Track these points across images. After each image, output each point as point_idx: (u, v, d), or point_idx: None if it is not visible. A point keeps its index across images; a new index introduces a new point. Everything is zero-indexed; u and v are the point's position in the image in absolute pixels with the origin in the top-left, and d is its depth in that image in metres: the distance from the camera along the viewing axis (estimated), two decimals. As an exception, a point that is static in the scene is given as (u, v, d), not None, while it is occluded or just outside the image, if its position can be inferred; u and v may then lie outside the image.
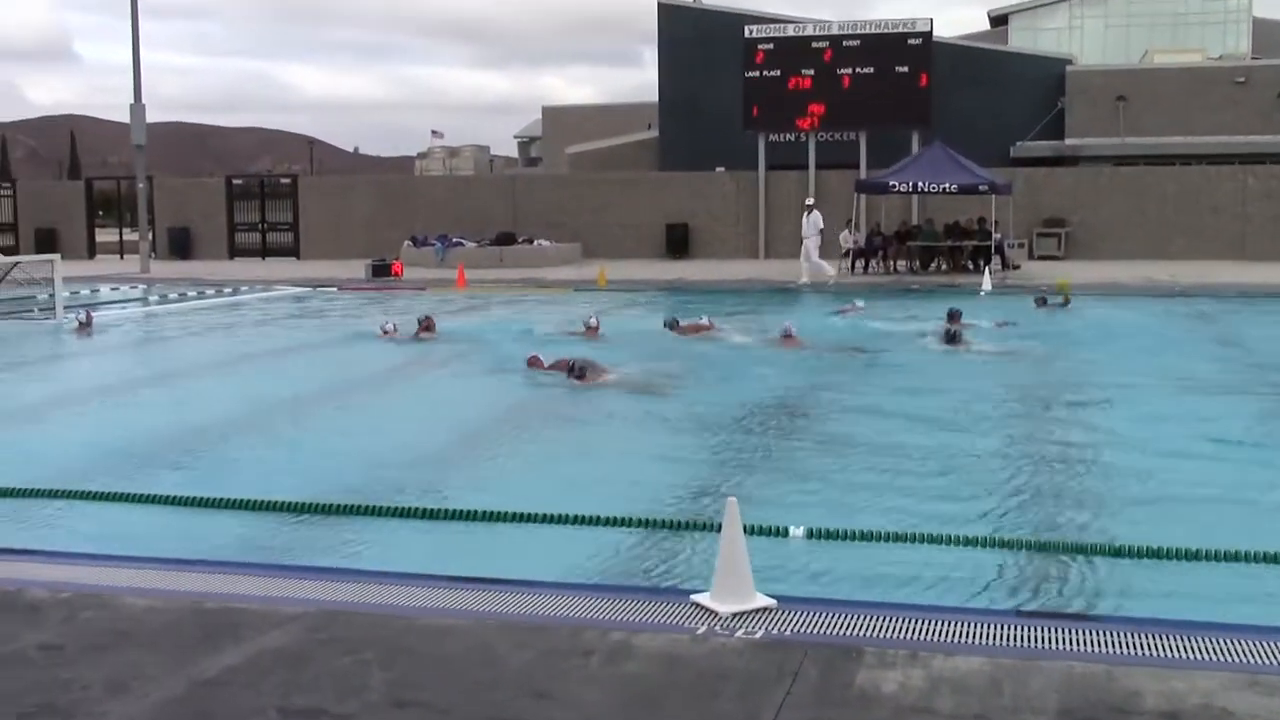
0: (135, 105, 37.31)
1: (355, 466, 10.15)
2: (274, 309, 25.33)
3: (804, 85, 36.57)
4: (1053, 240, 36.47)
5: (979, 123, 40.20)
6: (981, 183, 30.77)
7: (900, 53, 35.85)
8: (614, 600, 6.14)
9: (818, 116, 36.65)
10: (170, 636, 5.64)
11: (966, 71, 41.45)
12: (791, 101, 36.62)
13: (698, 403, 13.00)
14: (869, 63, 35.98)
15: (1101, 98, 41.78)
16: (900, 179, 31.40)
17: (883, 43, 36.01)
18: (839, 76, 36.27)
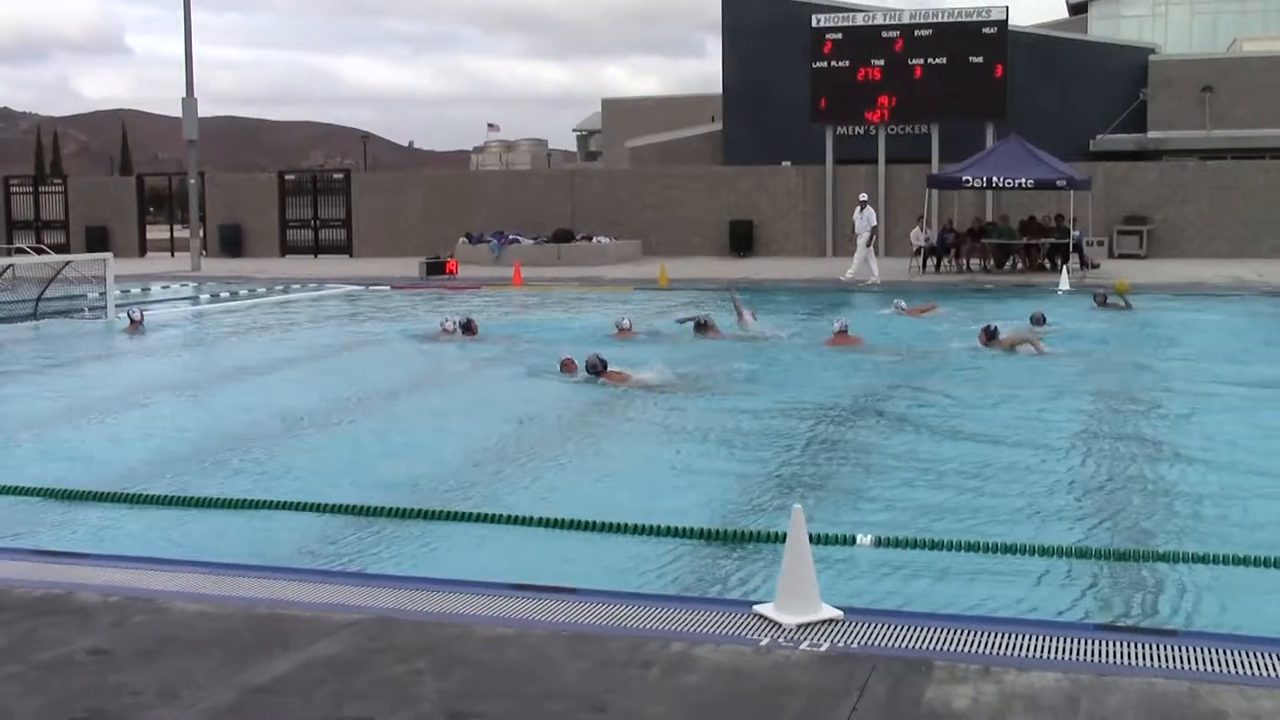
0: (187, 99, 37.79)
1: (407, 469, 10.22)
2: (325, 308, 25.56)
3: (874, 76, 36.39)
4: (1134, 238, 36.06)
5: (1057, 115, 39.86)
6: (1059, 177, 30.48)
7: (974, 42, 35.59)
8: (675, 610, 6.14)
9: (888, 109, 36.46)
10: (221, 643, 5.72)
11: (1044, 62, 41.10)
12: (861, 93, 36.45)
13: (754, 406, 12.97)
14: (942, 53, 35.75)
15: (1186, 88, 41.25)
16: (974, 174, 31.17)
17: (956, 32, 35.76)
18: (910, 67, 36.07)
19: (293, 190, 45.44)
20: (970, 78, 35.48)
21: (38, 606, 6.25)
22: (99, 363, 17.91)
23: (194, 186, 39.34)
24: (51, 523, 8.67)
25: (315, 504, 8.72)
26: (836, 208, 38.40)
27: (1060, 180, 30.45)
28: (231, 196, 45.34)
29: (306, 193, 45.34)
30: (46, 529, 8.49)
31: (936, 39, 35.82)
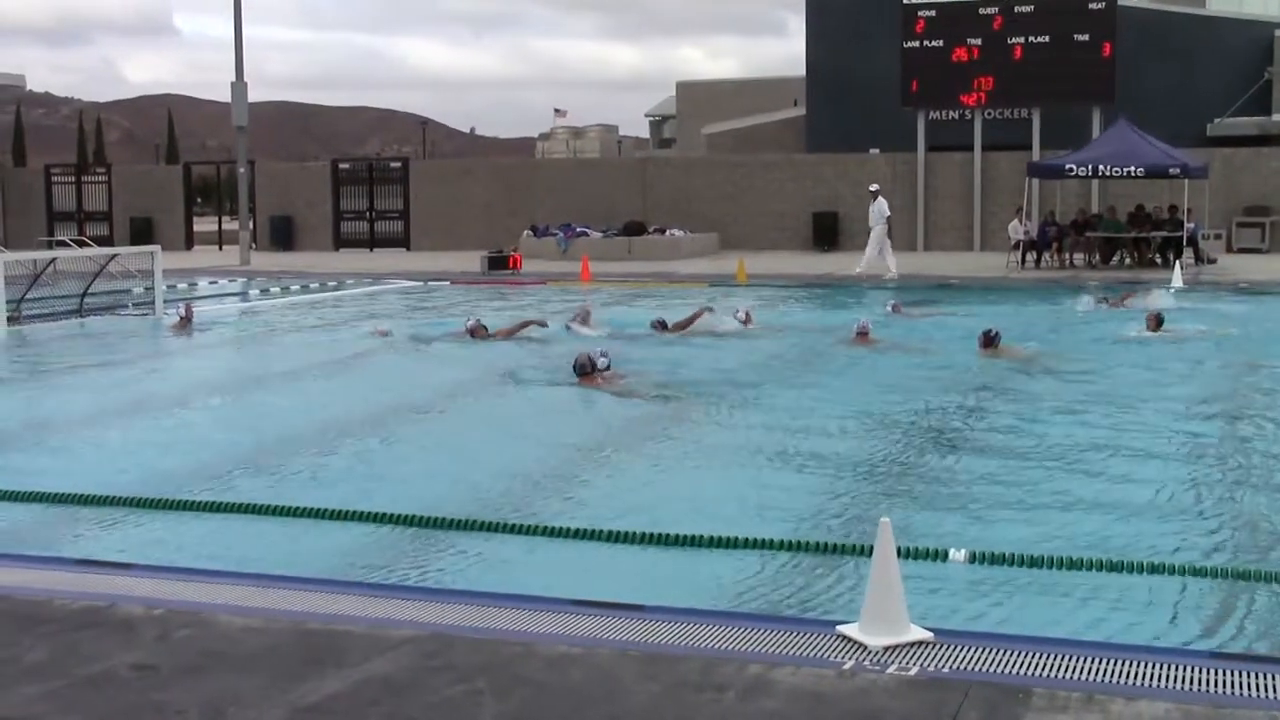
0: (236, 84, 38.27)
1: (467, 478, 10.29)
2: (381, 305, 25.76)
3: (970, 57, 36.13)
4: (1255, 231, 35.52)
5: (1170, 97, 39.37)
6: (1172, 165, 30.10)
7: (1080, 19, 35.23)
8: (751, 630, 6.13)
9: (985, 92, 36.18)
10: (269, 659, 5.78)
11: (1156, 39, 40.61)
12: (956, 75, 36.20)
13: (810, 412, 12.96)
14: (1044, 31, 35.42)
15: (1316, 67, 40.60)
16: (1078, 161, 30.88)
17: (1060, 8, 35.40)
18: (1010, 47, 35.76)
19: (347, 180, 45.86)
20: (1075, 58, 35.11)
21: (79, 619, 6.36)
22: (146, 362, 18.17)
23: (243, 176, 39.84)
24: (94, 530, 8.81)
25: (370, 513, 8.79)
26: (929, 199, 38.19)
27: (1174, 168, 30.07)
28: (282, 186, 45.84)
29: (362, 182, 45.76)
30: (89, 537, 8.63)
31: (1039, 16, 35.48)
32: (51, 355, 18.94)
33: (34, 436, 12.63)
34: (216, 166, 56.23)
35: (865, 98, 41.85)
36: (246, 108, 38.55)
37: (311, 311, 24.59)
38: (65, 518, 9.14)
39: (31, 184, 49.55)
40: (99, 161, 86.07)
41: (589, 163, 53.75)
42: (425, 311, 24.08)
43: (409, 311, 24.17)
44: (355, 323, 22.27)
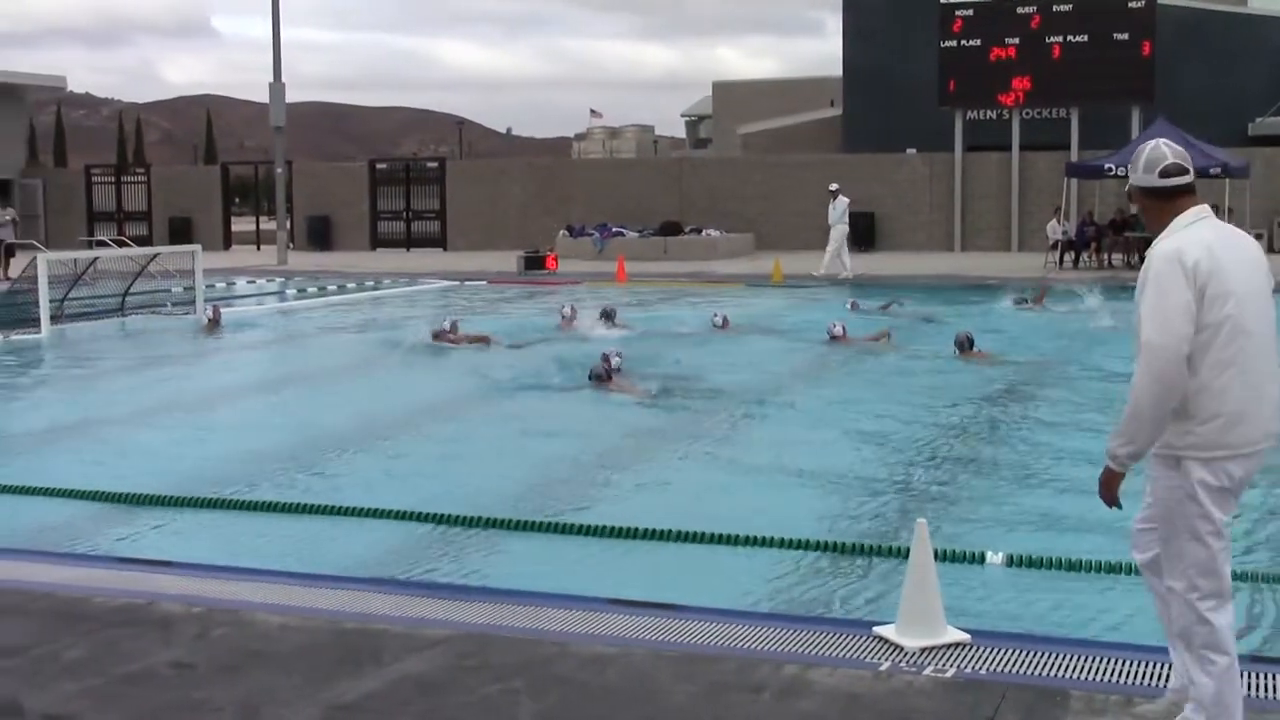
0: (274, 84, 38.47)
1: (502, 478, 10.32)
2: (417, 305, 25.83)
3: (1008, 56, 35.96)
4: (1297, 230, 35.23)
5: (1210, 97, 39.09)
6: (1213, 165, 29.87)
7: (1119, 18, 35.01)
8: (787, 630, 6.13)
9: (1023, 91, 36.00)
10: (306, 658, 5.81)
11: (1197, 38, 40.32)
12: (993, 74, 36.04)
13: (857, 414, 12.92)
14: (1083, 30, 35.22)
15: (1359, 66, 40.25)
16: (1117, 161, 30.69)
17: (1099, 7, 35.19)
18: (1048, 46, 35.58)
19: (384, 180, 46.01)
20: (1114, 57, 34.90)
21: (118, 616, 6.40)
22: (184, 362, 18.27)
23: (281, 176, 40.01)
24: (133, 528, 8.87)
25: (405, 512, 8.82)
26: (966, 199, 38.03)
27: (1214, 168, 29.84)
28: (320, 186, 46.02)
29: (398, 183, 45.90)
30: (128, 535, 8.69)
31: (1077, 15, 35.28)
32: (92, 354, 19.09)
33: (74, 435, 12.73)
34: (254, 167, 56.48)
35: (902, 97, 41.70)
36: (284, 108, 38.72)
37: (348, 312, 24.68)
38: (106, 515, 9.21)
39: (72, 184, 49.89)
40: (138, 162, 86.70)
41: (625, 163, 53.75)
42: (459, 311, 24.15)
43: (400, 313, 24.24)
44: (394, 323, 22.34)
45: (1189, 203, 4.73)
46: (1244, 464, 4.62)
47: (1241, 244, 4.76)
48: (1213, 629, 4.64)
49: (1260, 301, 4.67)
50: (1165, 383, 4.50)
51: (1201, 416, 4.56)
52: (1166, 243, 4.65)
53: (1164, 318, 4.51)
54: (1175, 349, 4.49)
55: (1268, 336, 4.65)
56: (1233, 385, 4.56)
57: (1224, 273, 4.55)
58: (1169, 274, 4.54)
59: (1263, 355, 4.63)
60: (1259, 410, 4.61)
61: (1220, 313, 4.53)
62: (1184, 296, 4.51)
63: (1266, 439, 4.65)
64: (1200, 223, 4.68)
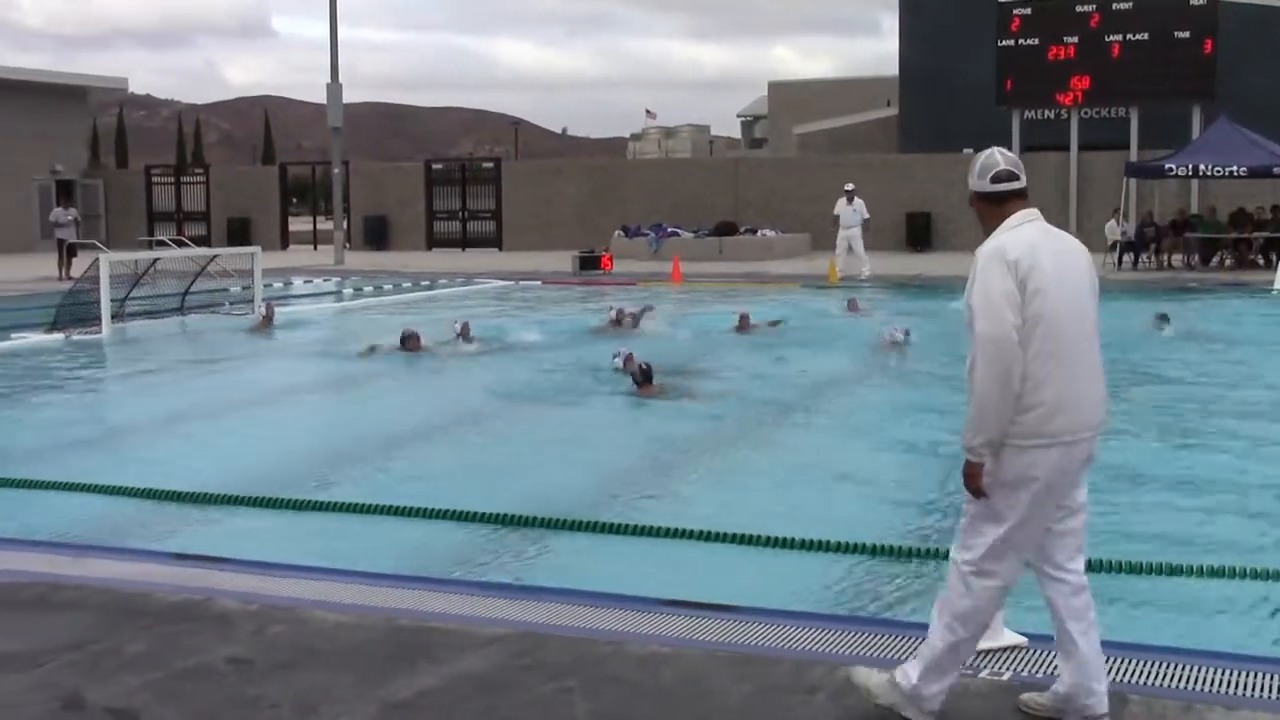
0: (332, 85, 38.74)
1: (558, 478, 10.33)
2: (472, 305, 25.92)
3: (1066, 55, 35.70)
4: (1363, 232, 34.74)
5: (1274, 95, 38.60)
6: (1277, 164, 29.55)
7: (1180, 16, 34.66)
8: (842, 632, 6.11)
9: (1082, 91, 35.72)
10: (362, 655, 5.84)
11: (1260, 35, 39.88)
12: (1052, 73, 35.78)
13: (912, 416, 12.84)
14: (1143, 28, 34.90)
15: None
16: (1178, 162, 30.41)
17: (1160, 5, 34.85)
18: (1107, 45, 35.29)
19: (440, 180, 46.24)
20: (1175, 55, 34.56)
21: (178, 612, 6.46)
22: (242, 360, 18.42)
23: (338, 176, 40.30)
24: (192, 526, 8.95)
25: (461, 512, 8.85)
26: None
27: (1278, 167, 29.51)
28: (376, 186, 46.31)
29: (454, 183, 46.11)
30: (187, 532, 8.77)
31: (1137, 13, 34.96)
32: (152, 353, 19.27)
33: (135, 432, 12.87)
34: (312, 167, 56.92)
35: (959, 97, 41.49)
36: (341, 109, 39.00)
37: (403, 312, 24.79)
38: (165, 512, 9.30)
39: (132, 185, 50.45)
40: (197, 162, 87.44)
41: (680, 163, 53.74)
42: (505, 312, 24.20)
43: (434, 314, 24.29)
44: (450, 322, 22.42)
45: (1019, 206, 5.01)
46: (1061, 453, 4.81)
47: (1065, 245, 5.01)
48: (973, 605, 4.90)
49: (1080, 299, 4.90)
50: (1003, 368, 4.72)
51: (1021, 406, 4.77)
52: (991, 241, 4.93)
53: (992, 308, 4.74)
54: (1006, 335, 4.71)
55: (1087, 333, 4.90)
56: (1052, 376, 4.77)
57: (1043, 270, 4.79)
58: (992, 268, 4.80)
59: (1082, 350, 4.86)
60: (1078, 401, 4.82)
61: (1039, 307, 4.76)
62: (1008, 286, 4.75)
63: (1086, 429, 4.86)
64: (1026, 225, 4.96)
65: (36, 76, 49.40)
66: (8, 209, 45.92)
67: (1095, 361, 4.94)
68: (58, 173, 47.32)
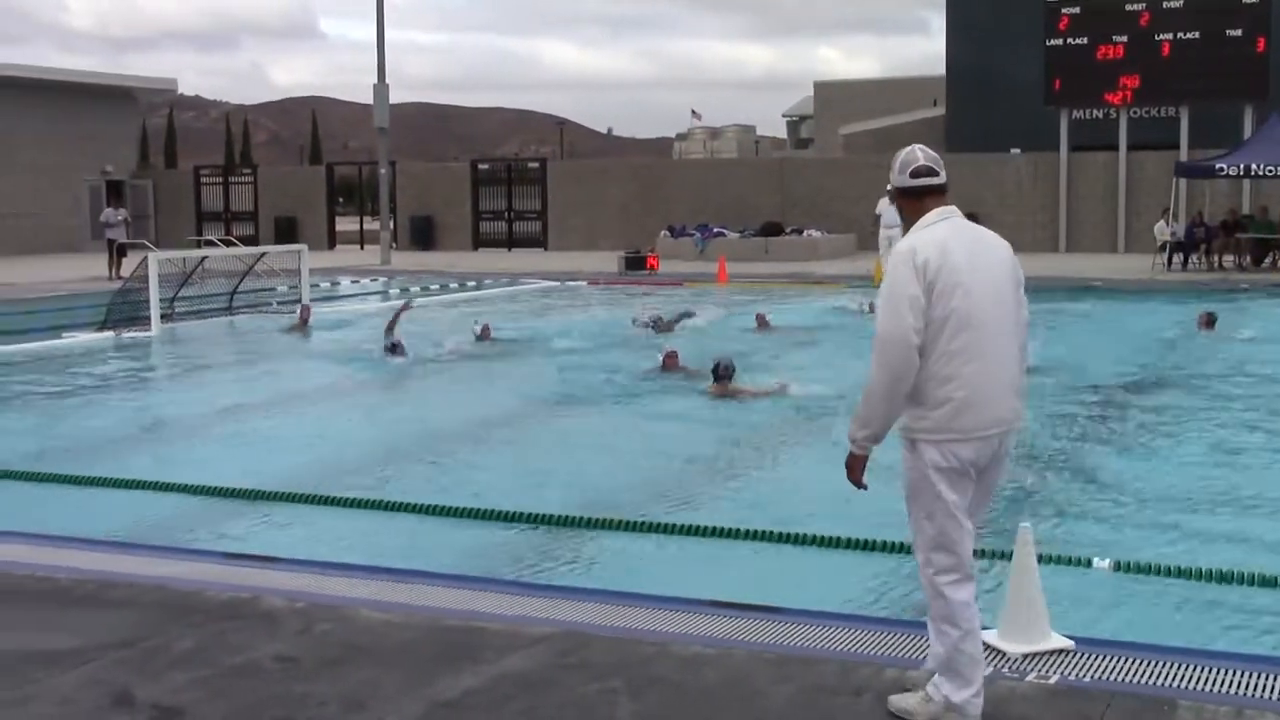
0: (378, 85, 38.90)
1: (602, 478, 10.35)
2: (517, 304, 25.99)
3: (1115, 54, 35.42)
4: None
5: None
6: (1332, 164, 29.21)
7: (1232, 14, 34.31)
8: (888, 634, 6.09)
9: (1131, 90, 35.45)
10: (408, 654, 5.87)
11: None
12: (1100, 73, 35.52)
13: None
14: (1194, 26, 34.57)
15: None
16: (1229, 161, 30.12)
17: (1211, 4, 34.49)
18: (1157, 44, 34.99)
19: (486, 180, 46.35)
20: (1226, 54, 34.23)
21: (226, 610, 6.52)
22: (288, 360, 18.53)
23: (384, 176, 40.47)
24: (240, 524, 9.03)
25: (505, 512, 8.89)
26: (1071, 200, 37.50)
27: (1333, 167, 29.18)
28: (422, 187, 46.48)
29: (500, 183, 46.20)
30: (236, 531, 8.84)
31: (1188, 11, 34.64)
32: (200, 352, 19.44)
33: (184, 431, 12.98)
34: (358, 167, 57.21)
35: (1006, 97, 41.25)
36: (388, 109, 39.16)
37: (447, 311, 24.87)
38: (214, 510, 9.38)
39: (181, 185, 50.84)
40: (245, 163, 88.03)
41: (726, 163, 53.68)
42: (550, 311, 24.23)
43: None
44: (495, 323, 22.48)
45: (936, 203, 5.08)
46: (974, 447, 4.90)
47: (983, 243, 5.08)
48: (947, 602, 4.95)
49: (995, 296, 4.95)
50: (894, 370, 4.82)
51: (931, 403, 4.87)
52: (904, 241, 5.01)
53: (893, 310, 4.83)
54: (903, 339, 4.80)
55: (1002, 330, 4.94)
56: (960, 374, 4.85)
57: (954, 269, 4.86)
58: (901, 270, 4.88)
59: (995, 347, 4.91)
60: (988, 398, 4.90)
61: (947, 306, 4.83)
62: (912, 290, 4.82)
63: (997, 424, 4.94)
64: (941, 222, 5.03)
65: (86, 78, 49.87)
66: (58, 209, 46.41)
67: (1012, 357, 5.00)
68: (108, 173, 47.76)
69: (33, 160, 45.46)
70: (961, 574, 4.98)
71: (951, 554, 4.97)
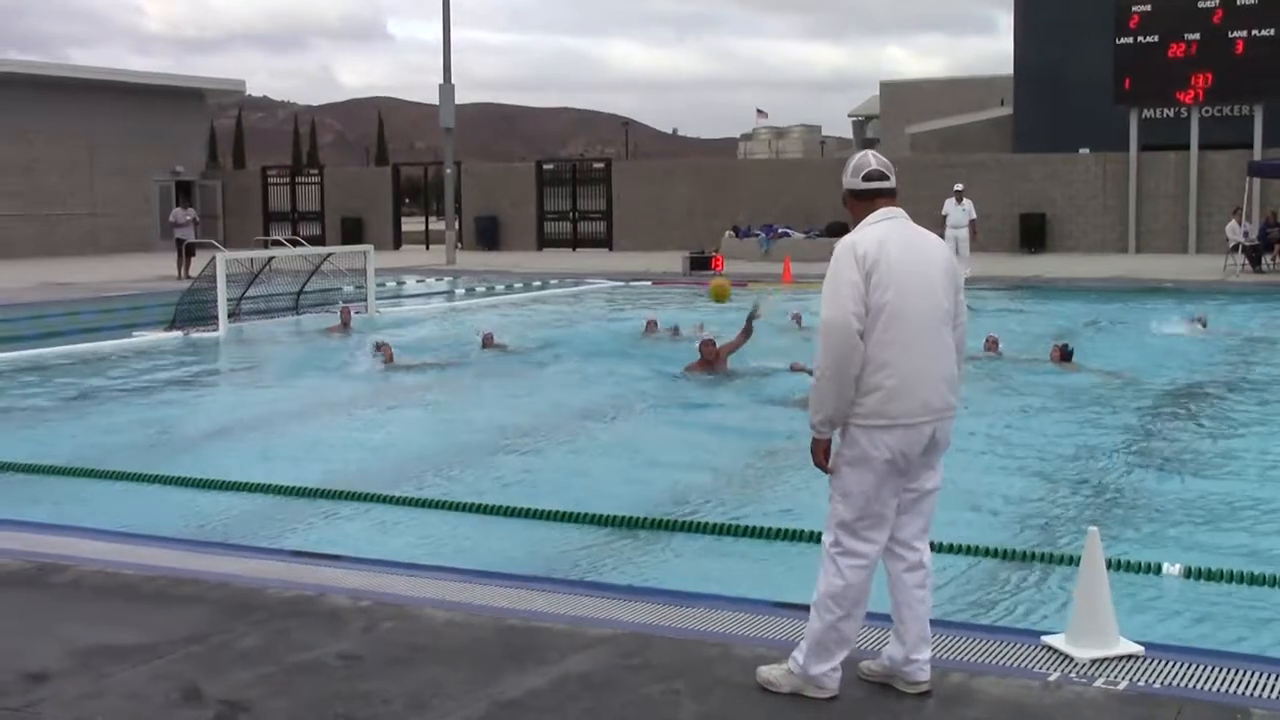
0: (444, 86, 39.09)
1: (668, 479, 10.34)
2: (582, 305, 26.03)
3: (1188, 52, 34.98)
4: None
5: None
6: None
7: (1308, 11, 33.80)
8: (953, 637, 6.03)
9: (1203, 88, 35.00)
10: (471, 653, 5.89)
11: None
12: (1172, 71, 35.10)
13: (1025, 418, 12.68)
14: (1269, 23, 34.05)
15: None
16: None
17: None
18: (1230, 41, 34.53)
19: (551, 180, 46.50)
20: (1302, 52, 33.70)
21: (290, 608, 6.57)
22: (351, 359, 18.61)
23: (450, 176, 40.67)
24: (304, 523, 9.09)
25: (570, 513, 8.89)
26: (1141, 200, 37.09)
27: None
28: (488, 187, 46.68)
29: (565, 183, 46.35)
30: (300, 528, 8.91)
31: (1262, 8, 34.14)
32: (267, 351, 19.59)
33: (251, 429, 13.09)
34: (424, 168, 57.56)
35: (1075, 96, 40.88)
36: (454, 109, 39.34)
37: (509, 312, 24.95)
38: (279, 508, 9.46)
39: (249, 185, 51.36)
40: (312, 163, 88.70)
41: (791, 163, 53.57)
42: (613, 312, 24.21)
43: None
44: (554, 324, 22.51)
45: (884, 204, 5.42)
46: (902, 435, 5.15)
47: (920, 243, 5.38)
48: (845, 584, 5.20)
49: (928, 291, 5.25)
50: (839, 354, 5.10)
51: (863, 388, 5.14)
52: (848, 236, 5.36)
53: (836, 297, 5.15)
54: (845, 323, 5.10)
55: (934, 323, 5.23)
56: (892, 362, 5.13)
57: (890, 264, 5.17)
58: (842, 260, 5.22)
59: (926, 338, 5.19)
60: (917, 387, 5.16)
61: (881, 298, 5.14)
62: (852, 278, 5.15)
63: (926, 412, 5.18)
64: (884, 222, 5.35)
65: (157, 79, 50.56)
66: (129, 209, 47.07)
67: (944, 350, 5.26)
68: (177, 174, 48.36)
69: (105, 161, 46.17)
70: (868, 561, 5.22)
71: (864, 540, 5.21)
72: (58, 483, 10.37)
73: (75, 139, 45.25)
